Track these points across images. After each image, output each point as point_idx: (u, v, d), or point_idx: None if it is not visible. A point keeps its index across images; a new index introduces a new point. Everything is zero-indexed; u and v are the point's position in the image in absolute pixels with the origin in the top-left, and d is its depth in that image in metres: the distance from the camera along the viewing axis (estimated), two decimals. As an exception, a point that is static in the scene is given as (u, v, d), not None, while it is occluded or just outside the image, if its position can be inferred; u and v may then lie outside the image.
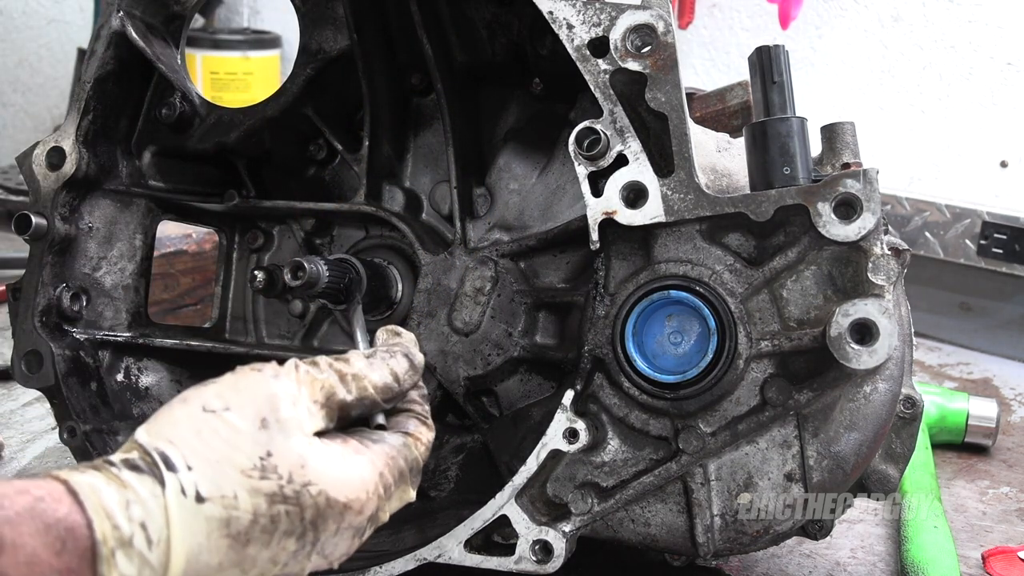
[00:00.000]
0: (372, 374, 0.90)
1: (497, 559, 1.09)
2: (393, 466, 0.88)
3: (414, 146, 1.43)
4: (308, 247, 1.43)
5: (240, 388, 0.82)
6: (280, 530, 0.78)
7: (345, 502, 0.81)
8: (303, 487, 0.79)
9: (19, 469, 1.53)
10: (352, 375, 0.88)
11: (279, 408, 0.81)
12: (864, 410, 1.05)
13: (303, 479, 0.79)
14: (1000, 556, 1.33)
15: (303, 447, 0.80)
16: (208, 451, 0.76)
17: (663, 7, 1.02)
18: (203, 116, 1.36)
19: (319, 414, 0.84)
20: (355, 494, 0.82)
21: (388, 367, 0.92)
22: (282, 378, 0.84)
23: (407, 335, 1.01)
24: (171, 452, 0.76)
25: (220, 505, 0.75)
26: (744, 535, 1.07)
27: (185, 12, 1.38)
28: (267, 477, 0.77)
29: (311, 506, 0.79)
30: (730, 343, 1.02)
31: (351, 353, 0.92)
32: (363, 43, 1.30)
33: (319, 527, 0.80)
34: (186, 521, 0.73)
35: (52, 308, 1.27)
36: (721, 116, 1.30)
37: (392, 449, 0.88)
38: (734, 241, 1.06)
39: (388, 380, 0.91)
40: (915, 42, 2.29)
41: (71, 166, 1.25)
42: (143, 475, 0.73)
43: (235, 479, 0.76)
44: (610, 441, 1.11)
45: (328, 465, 0.81)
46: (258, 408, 0.80)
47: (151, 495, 0.72)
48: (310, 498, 0.79)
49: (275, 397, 0.81)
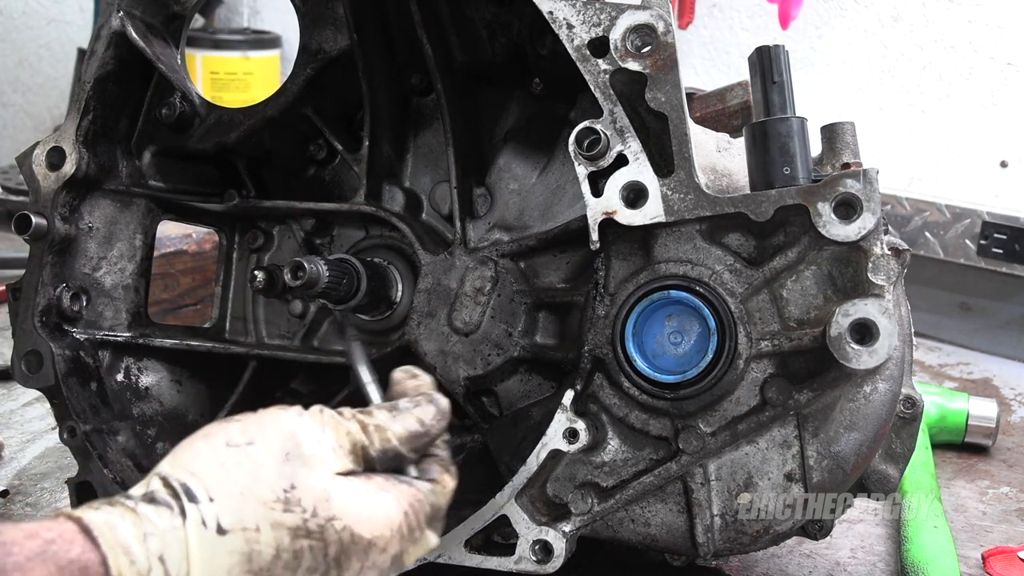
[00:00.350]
0: (395, 425, 0.87)
1: (497, 559, 1.09)
2: (419, 508, 0.86)
3: (414, 146, 1.43)
4: (308, 247, 1.43)
5: (264, 424, 0.81)
6: (303, 567, 0.76)
7: (370, 539, 0.79)
8: (327, 522, 0.77)
9: (19, 469, 1.53)
10: (375, 426, 0.86)
11: (303, 444, 0.80)
12: (864, 410, 1.05)
13: (328, 513, 0.77)
14: (1000, 556, 1.33)
15: (328, 482, 0.79)
16: (231, 483, 0.75)
17: (663, 7, 1.02)
18: (203, 116, 1.36)
19: (344, 456, 0.83)
20: (380, 531, 0.80)
21: (414, 416, 0.89)
22: (306, 417, 0.83)
23: (425, 377, 0.97)
24: (193, 483, 0.74)
25: (242, 538, 0.73)
26: (744, 535, 1.07)
27: (185, 12, 1.37)
28: (290, 510, 0.75)
29: (335, 542, 0.77)
30: (730, 343, 1.02)
31: (374, 407, 0.90)
32: (363, 43, 1.30)
33: (343, 565, 0.78)
34: (207, 554, 0.71)
35: (52, 308, 1.27)
36: (721, 116, 1.30)
37: (419, 492, 0.87)
38: (734, 241, 1.06)
39: (414, 429, 0.88)
40: (915, 42, 2.29)
41: (71, 166, 1.25)
42: (160, 507, 0.72)
43: (258, 511, 0.75)
44: (610, 441, 1.10)
45: (353, 500, 0.79)
46: (282, 443, 0.79)
47: (170, 527, 0.71)
48: (334, 533, 0.77)
49: (299, 434, 0.80)
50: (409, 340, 1.29)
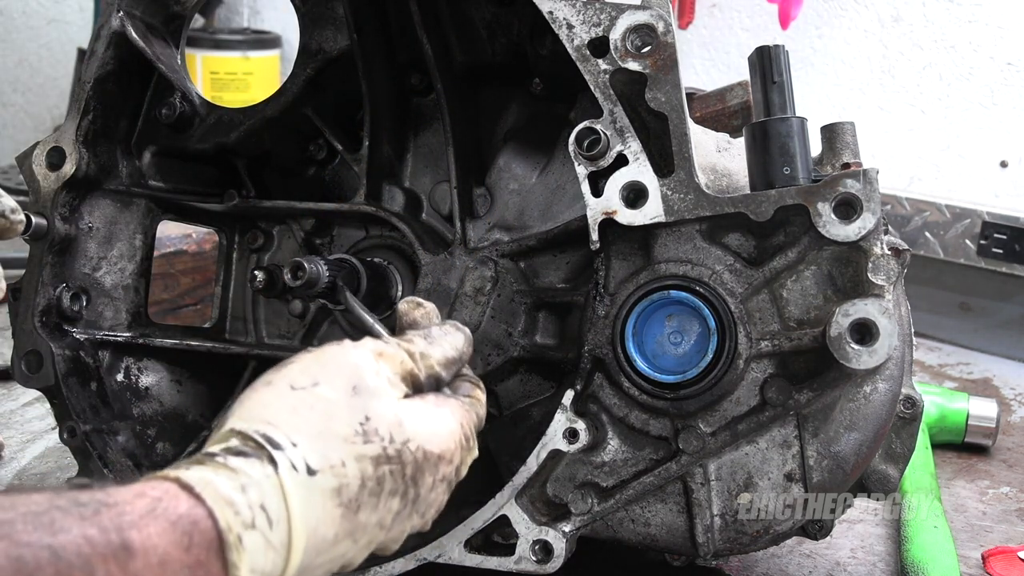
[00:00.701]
0: (436, 352, 0.93)
1: (497, 559, 1.09)
2: (468, 419, 0.92)
3: (414, 146, 1.43)
4: (308, 247, 1.43)
5: (324, 362, 0.83)
6: (386, 490, 0.80)
7: (440, 452, 0.85)
8: (403, 444, 0.82)
9: (19, 469, 1.53)
10: (420, 353, 0.91)
11: (364, 377, 0.83)
12: (864, 410, 1.05)
13: (403, 437, 0.82)
14: (1000, 556, 1.33)
15: (397, 407, 0.83)
16: (308, 426, 0.77)
17: (663, 7, 1.02)
18: (203, 116, 1.36)
19: (400, 384, 0.87)
20: (447, 444, 0.86)
21: (449, 342, 0.96)
22: (361, 350, 0.86)
23: (429, 304, 1.03)
24: (272, 432, 0.76)
25: (331, 475, 0.76)
26: (744, 535, 1.07)
27: (185, 12, 1.37)
28: (370, 440, 0.79)
29: (411, 462, 0.82)
30: (730, 343, 1.02)
31: (411, 333, 0.95)
32: (363, 43, 1.30)
33: (419, 481, 0.83)
34: (302, 496, 0.74)
35: (52, 308, 1.27)
36: (721, 116, 1.30)
37: (465, 405, 0.93)
38: (734, 241, 1.06)
39: (450, 354, 0.95)
40: (915, 42, 2.29)
41: (71, 166, 1.25)
42: (251, 459, 0.73)
43: (340, 447, 0.78)
44: (610, 441, 1.11)
45: (421, 420, 0.85)
46: (346, 379, 0.82)
47: (264, 476, 0.73)
48: (410, 454, 0.82)
49: (359, 367, 0.84)
50: (409, 340, 1.29)
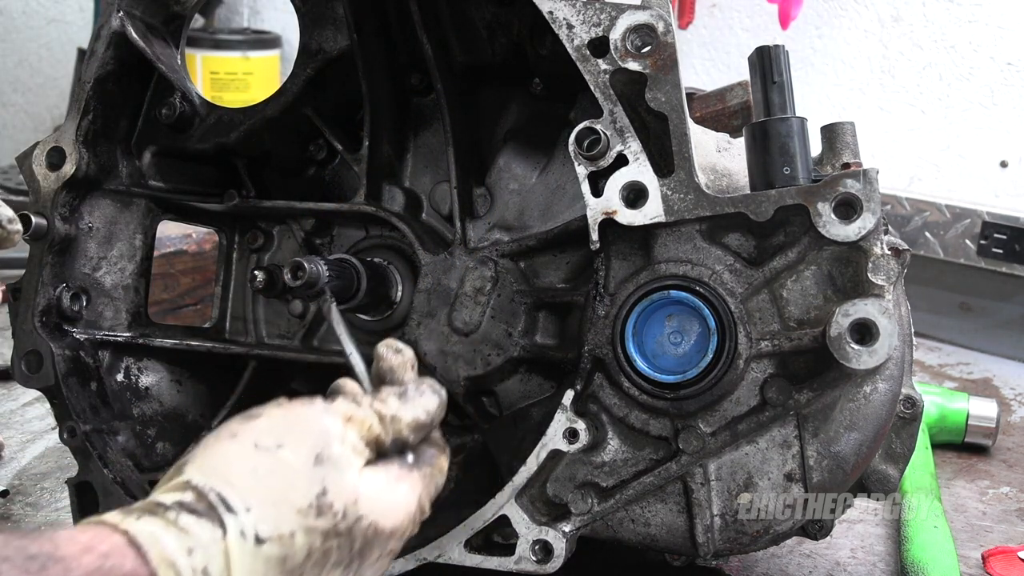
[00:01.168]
0: (406, 415, 0.90)
1: (497, 559, 1.09)
2: (427, 492, 0.90)
3: (414, 146, 1.43)
4: (308, 247, 1.43)
5: (291, 423, 0.83)
6: (331, 562, 0.80)
7: (391, 530, 0.84)
8: (356, 521, 0.81)
9: (19, 469, 1.53)
10: (391, 416, 0.89)
11: (331, 444, 0.82)
12: (864, 410, 1.05)
13: (356, 514, 0.81)
14: (1000, 556, 1.33)
15: (355, 482, 0.82)
16: (265, 491, 0.77)
17: (663, 7, 1.02)
18: (203, 116, 1.36)
19: (364, 451, 0.86)
20: (399, 521, 0.85)
21: (421, 405, 0.92)
22: (331, 415, 0.85)
23: (407, 352, 0.99)
24: (228, 493, 0.76)
25: (278, 545, 0.76)
26: (744, 535, 1.07)
27: (185, 12, 1.37)
28: (323, 515, 0.79)
29: (360, 537, 0.81)
30: (730, 343, 1.02)
31: (386, 392, 0.92)
32: (363, 43, 1.30)
33: (365, 555, 0.82)
34: (246, 563, 0.74)
35: (52, 308, 1.27)
36: (721, 116, 1.30)
37: (426, 476, 0.91)
38: (734, 241, 1.06)
39: (421, 418, 0.92)
40: (915, 42, 2.29)
41: (71, 166, 1.25)
42: (202, 519, 0.74)
43: (293, 519, 0.77)
44: (610, 441, 1.10)
45: (378, 497, 0.83)
46: (311, 446, 0.81)
47: (212, 540, 0.73)
48: (361, 531, 0.81)
49: (326, 434, 0.83)
50: (409, 340, 1.29)
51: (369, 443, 0.86)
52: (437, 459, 0.94)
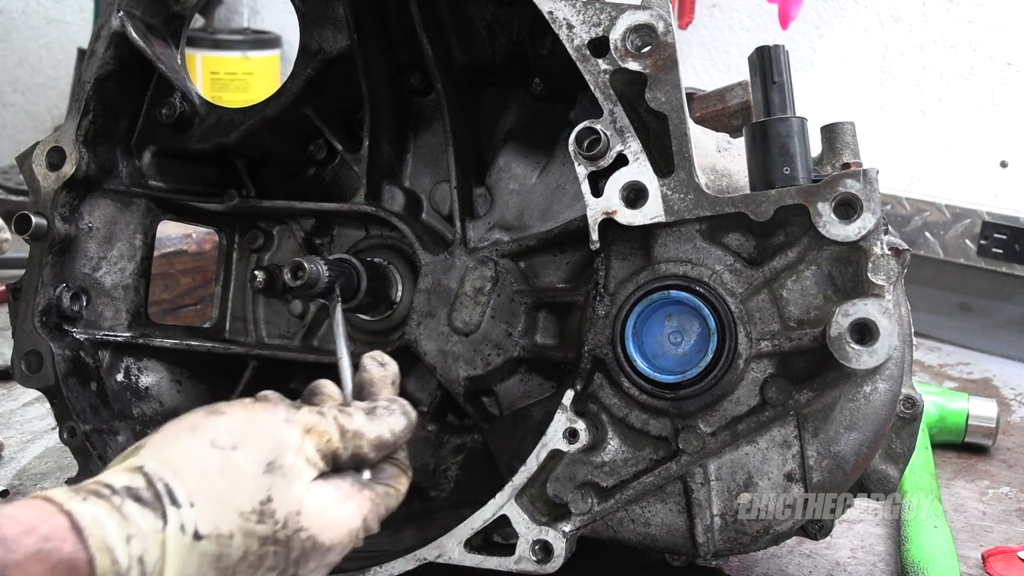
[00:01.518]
0: (370, 432, 0.91)
1: (497, 559, 1.09)
2: (375, 513, 0.91)
3: (414, 146, 1.43)
4: (308, 247, 1.43)
5: (251, 427, 0.84)
6: (265, 566, 0.81)
7: (330, 546, 0.85)
8: (295, 532, 0.82)
9: (19, 469, 1.53)
10: (353, 432, 0.90)
11: (285, 455, 0.83)
12: (864, 410, 1.05)
13: (296, 525, 0.82)
14: (1000, 556, 1.33)
15: (301, 495, 0.83)
16: (211, 490, 0.78)
17: (663, 7, 1.02)
18: (203, 116, 1.36)
19: (319, 463, 0.87)
20: (340, 539, 0.86)
21: (387, 425, 0.93)
22: (292, 425, 0.86)
23: (392, 366, 1.01)
24: (176, 486, 0.77)
25: (215, 543, 0.78)
26: (744, 535, 1.07)
27: (185, 12, 1.37)
28: (263, 522, 0.80)
29: (298, 549, 0.83)
30: (730, 343, 1.02)
31: (355, 407, 0.93)
32: (363, 43, 1.30)
33: (301, 564, 0.84)
34: (181, 556, 0.76)
35: (52, 308, 1.27)
36: (721, 116, 1.30)
37: (378, 497, 0.92)
38: (734, 241, 1.06)
39: (385, 438, 0.92)
40: (915, 42, 2.29)
41: (71, 166, 1.25)
42: (145, 508, 0.75)
43: (234, 520, 0.79)
44: (610, 441, 1.10)
45: (321, 512, 0.85)
46: (266, 452, 0.82)
47: (152, 530, 0.74)
48: (299, 542, 0.83)
49: (283, 443, 0.84)
50: (409, 340, 1.29)
51: (326, 456, 0.87)
52: (396, 480, 0.94)
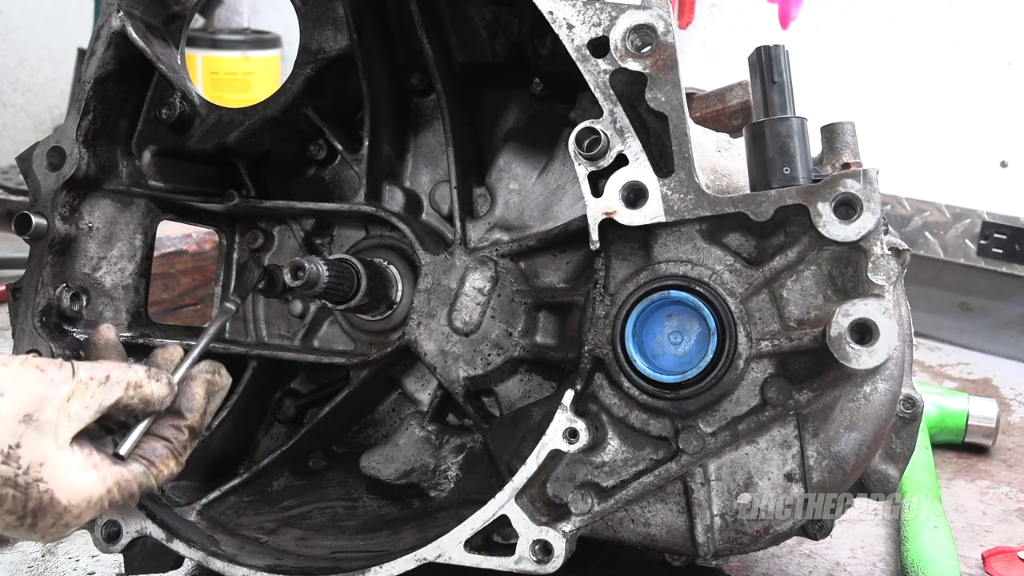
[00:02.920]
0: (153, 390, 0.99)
1: (497, 559, 1.09)
2: (124, 488, 0.97)
3: (414, 146, 1.43)
4: (308, 247, 1.43)
5: (20, 380, 0.90)
6: (4, 508, 0.89)
7: (66, 505, 0.92)
8: (34, 482, 0.89)
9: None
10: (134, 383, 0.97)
11: (44, 410, 0.90)
12: (864, 410, 1.05)
13: (37, 475, 0.89)
14: (1000, 556, 1.33)
15: (49, 449, 0.90)
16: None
17: (663, 7, 1.02)
18: (203, 116, 1.36)
19: (83, 417, 0.93)
20: (76, 502, 0.93)
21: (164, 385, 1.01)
22: (57, 383, 0.92)
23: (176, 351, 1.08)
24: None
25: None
26: (744, 535, 1.07)
27: (185, 12, 1.37)
28: (8, 463, 0.88)
29: (36, 499, 0.90)
30: (730, 343, 1.02)
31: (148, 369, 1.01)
32: (363, 43, 1.30)
33: (39, 516, 0.91)
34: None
35: (52, 308, 1.27)
36: (721, 116, 1.30)
37: (129, 474, 0.98)
38: (734, 241, 1.06)
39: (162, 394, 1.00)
40: (915, 42, 2.29)
41: (71, 166, 1.24)
42: None
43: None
44: (610, 441, 1.10)
45: (63, 471, 0.91)
46: (26, 405, 0.89)
47: None
48: (37, 492, 0.90)
49: (44, 399, 0.90)
50: (409, 340, 1.29)
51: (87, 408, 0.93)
52: (162, 461, 1.01)
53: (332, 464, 1.42)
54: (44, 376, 0.92)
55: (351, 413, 1.42)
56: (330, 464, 1.42)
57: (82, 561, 1.30)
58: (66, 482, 0.91)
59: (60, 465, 0.91)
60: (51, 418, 0.91)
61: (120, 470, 0.97)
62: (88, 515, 0.94)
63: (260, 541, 1.23)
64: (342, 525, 1.30)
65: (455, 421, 1.38)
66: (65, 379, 0.92)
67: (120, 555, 1.18)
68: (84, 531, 1.18)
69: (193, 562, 1.16)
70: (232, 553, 1.16)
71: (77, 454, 0.93)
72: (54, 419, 0.91)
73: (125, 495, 0.98)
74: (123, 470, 0.98)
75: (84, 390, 0.93)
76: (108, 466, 0.96)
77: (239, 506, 1.31)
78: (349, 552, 1.20)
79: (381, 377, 1.38)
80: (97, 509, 0.95)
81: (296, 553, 1.20)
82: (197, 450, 1.32)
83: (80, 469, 0.93)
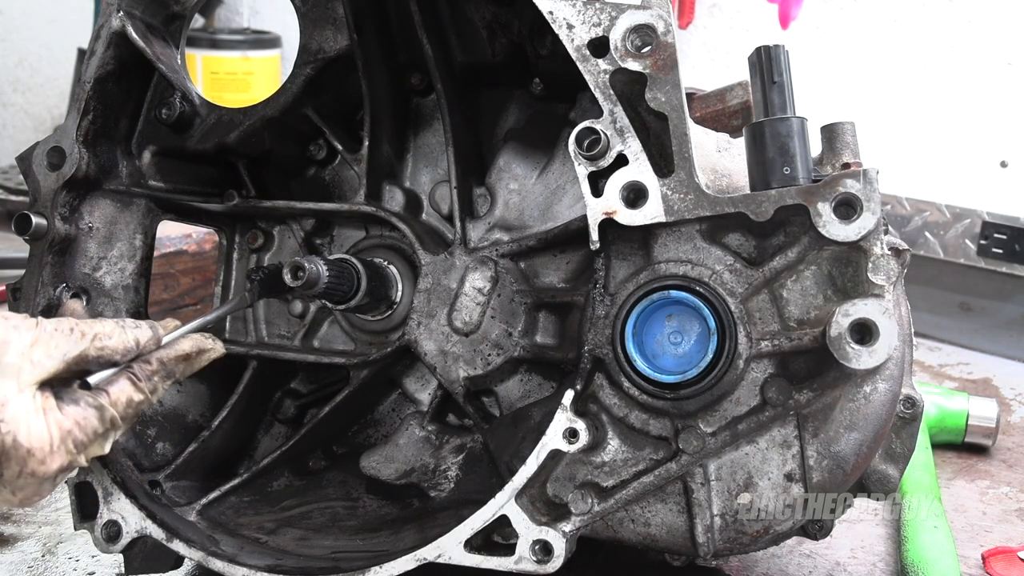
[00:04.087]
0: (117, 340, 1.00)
1: (497, 559, 1.09)
2: (85, 426, 0.97)
3: (414, 146, 1.43)
4: (308, 247, 1.43)
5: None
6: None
7: (29, 448, 0.92)
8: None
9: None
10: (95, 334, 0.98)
11: (7, 353, 0.92)
12: (864, 410, 1.05)
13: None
14: (1000, 556, 1.33)
15: (11, 392, 0.92)
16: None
17: (663, 7, 1.02)
18: (203, 116, 1.36)
19: (47, 366, 0.94)
20: (39, 444, 0.93)
21: (134, 336, 1.02)
22: (20, 330, 0.94)
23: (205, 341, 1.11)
24: None
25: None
26: (744, 535, 1.07)
27: (185, 12, 1.37)
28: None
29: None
30: (730, 343, 1.02)
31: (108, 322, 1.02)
32: (363, 43, 1.30)
33: (3, 464, 0.91)
34: None
35: (52, 308, 1.27)
36: (721, 116, 1.30)
37: (86, 411, 0.98)
38: (734, 241, 1.06)
39: (129, 344, 1.01)
40: (915, 42, 2.29)
41: (71, 166, 1.24)
42: None
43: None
44: (610, 441, 1.10)
45: (23, 413, 0.92)
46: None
47: None
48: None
49: (7, 344, 0.92)
50: (409, 340, 1.29)
51: (61, 360, 0.95)
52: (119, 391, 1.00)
53: (332, 464, 1.42)
54: (7, 323, 0.94)
55: (351, 413, 1.42)
56: (330, 464, 1.42)
57: (82, 561, 1.30)
58: (26, 424, 0.92)
59: (21, 408, 0.92)
60: (13, 361, 0.92)
61: (76, 410, 0.97)
62: (54, 461, 0.94)
63: (260, 541, 1.23)
64: (342, 525, 1.30)
65: (455, 421, 1.38)
66: (29, 328, 0.94)
67: (120, 555, 1.18)
68: (84, 531, 1.19)
69: (193, 562, 1.16)
70: (232, 553, 1.16)
71: (38, 399, 0.94)
72: (16, 363, 0.92)
73: (88, 432, 0.97)
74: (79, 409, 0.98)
75: (48, 339, 0.95)
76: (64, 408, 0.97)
77: (239, 506, 1.31)
78: (349, 552, 1.21)
79: (381, 377, 1.39)
80: (63, 454, 0.95)
81: (296, 553, 1.20)
82: (197, 450, 1.33)
83: (40, 412, 0.94)
